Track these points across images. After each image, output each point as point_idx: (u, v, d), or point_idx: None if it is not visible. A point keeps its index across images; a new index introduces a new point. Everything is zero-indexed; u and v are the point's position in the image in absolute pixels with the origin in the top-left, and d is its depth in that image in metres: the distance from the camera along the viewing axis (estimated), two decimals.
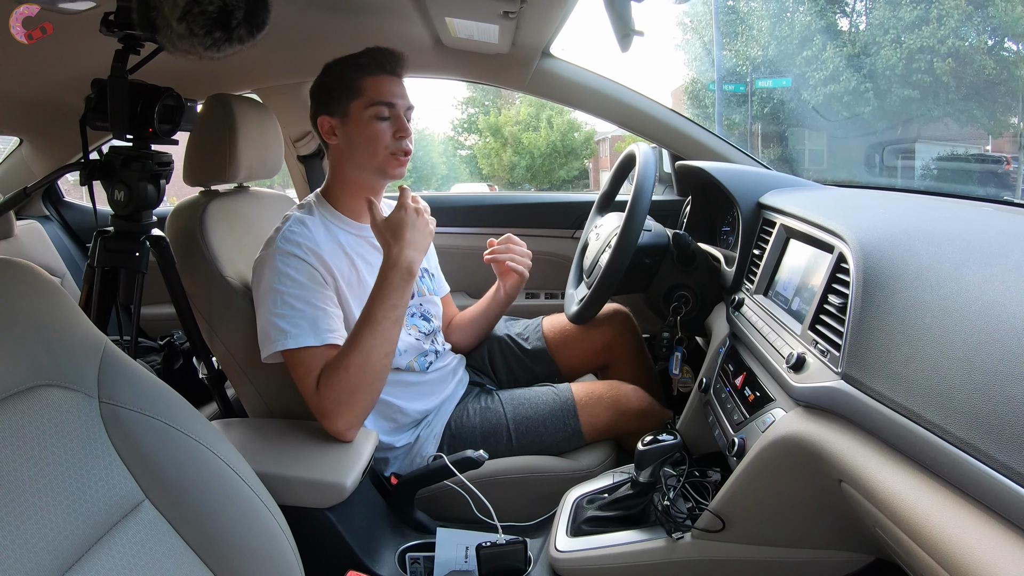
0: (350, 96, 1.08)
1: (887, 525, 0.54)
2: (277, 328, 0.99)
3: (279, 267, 1.01)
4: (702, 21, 12.75)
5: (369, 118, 1.07)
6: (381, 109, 1.07)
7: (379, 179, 1.13)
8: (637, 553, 0.90)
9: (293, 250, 1.03)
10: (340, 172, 1.14)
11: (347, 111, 1.09)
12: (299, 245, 1.03)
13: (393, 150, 1.09)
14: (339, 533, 0.93)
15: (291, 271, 1.01)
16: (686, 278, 1.23)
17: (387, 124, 1.08)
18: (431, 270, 1.33)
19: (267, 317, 1.00)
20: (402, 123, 1.09)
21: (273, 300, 1.00)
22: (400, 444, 1.17)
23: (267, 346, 1.00)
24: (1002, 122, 10.00)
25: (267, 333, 1.00)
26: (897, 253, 0.66)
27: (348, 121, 1.09)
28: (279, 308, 1.00)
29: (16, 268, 0.62)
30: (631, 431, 1.17)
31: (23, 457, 0.53)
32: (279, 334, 0.99)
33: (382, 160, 1.09)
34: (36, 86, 1.56)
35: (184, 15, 0.83)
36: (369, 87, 1.08)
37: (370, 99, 1.07)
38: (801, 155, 11.63)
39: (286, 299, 1.00)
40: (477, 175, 17.62)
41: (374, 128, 1.08)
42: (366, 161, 1.10)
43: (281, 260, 1.02)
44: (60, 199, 2.15)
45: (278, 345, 0.99)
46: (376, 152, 1.09)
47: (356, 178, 1.13)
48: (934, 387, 0.51)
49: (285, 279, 1.01)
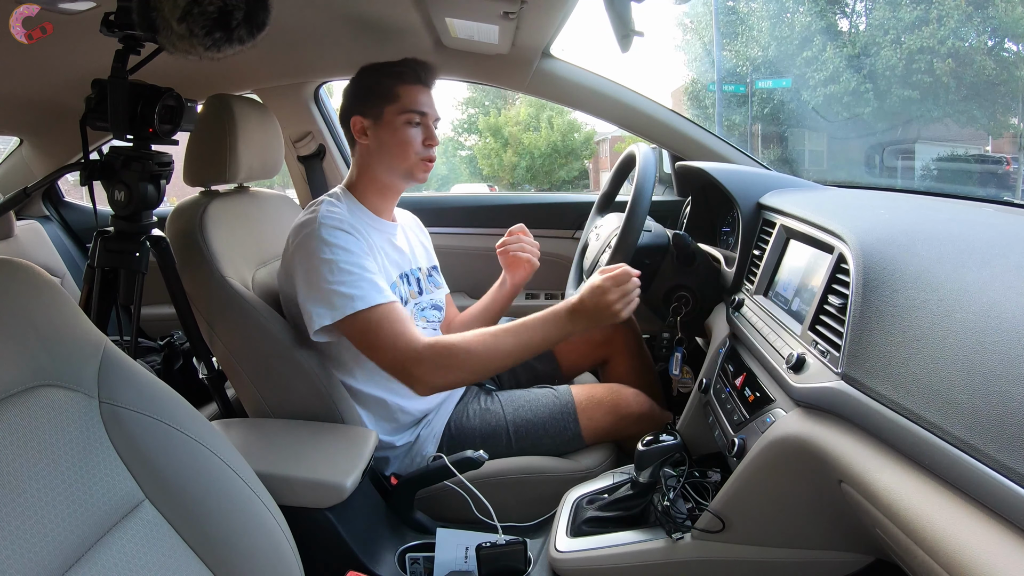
0: (385, 101, 1.12)
1: (887, 525, 0.54)
2: (341, 295, 0.99)
3: (326, 238, 1.02)
4: (702, 21, 12.76)
5: (402, 124, 1.12)
6: (413, 116, 1.12)
7: (405, 181, 1.17)
8: (637, 553, 0.90)
9: (337, 223, 1.05)
10: (367, 171, 1.17)
11: (381, 114, 1.12)
12: (341, 220, 1.06)
13: (423, 156, 1.14)
14: (339, 533, 0.93)
15: (340, 241, 1.03)
16: (686, 278, 1.23)
17: (418, 131, 1.13)
18: (437, 267, 1.35)
19: (324, 287, 1.00)
20: (431, 132, 1.14)
21: (329, 269, 1.01)
22: (400, 444, 1.17)
23: (331, 315, 0.99)
24: (1002, 123, 10.00)
25: (329, 302, 1.00)
26: (897, 254, 0.66)
27: (381, 124, 1.12)
28: (336, 275, 1.00)
29: (16, 268, 0.62)
30: (631, 435, 1.17)
31: (23, 457, 0.53)
32: (344, 300, 0.99)
33: (411, 164, 1.14)
34: (36, 86, 1.56)
35: (184, 15, 0.83)
36: (404, 95, 1.12)
37: (404, 106, 1.12)
38: (801, 156, 11.63)
39: (342, 266, 1.01)
40: (477, 176, 17.62)
41: (406, 134, 1.12)
42: (396, 163, 1.14)
43: (327, 232, 1.03)
44: (60, 199, 2.15)
45: (347, 309, 0.99)
46: (407, 156, 1.13)
47: (383, 178, 1.16)
48: (934, 387, 0.51)
49: (336, 249, 1.02)
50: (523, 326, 1.03)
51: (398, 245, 1.20)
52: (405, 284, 1.19)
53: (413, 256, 1.25)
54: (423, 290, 1.24)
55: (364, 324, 1.00)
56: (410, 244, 1.26)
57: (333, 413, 1.08)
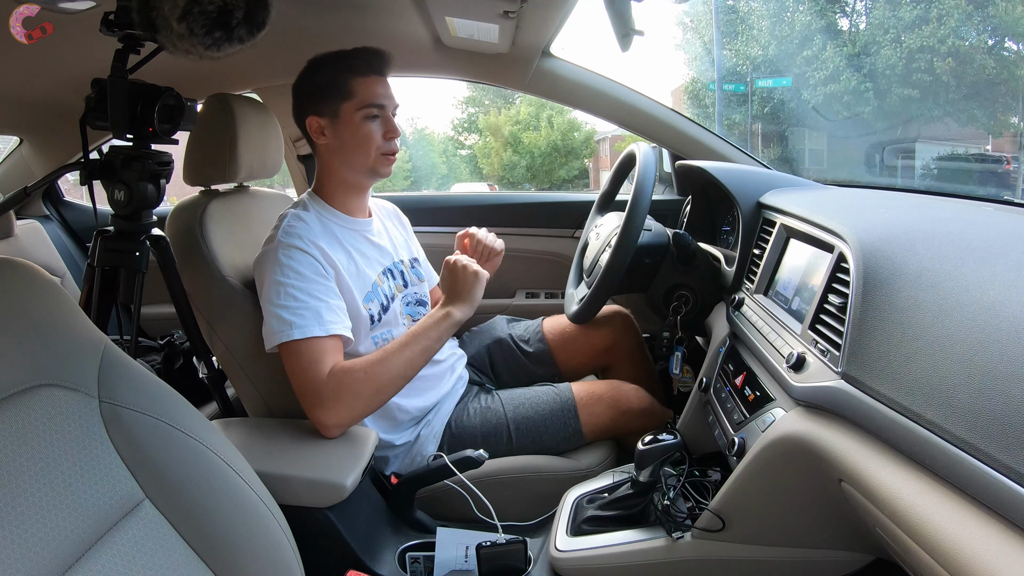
0: (341, 98, 1.08)
1: (887, 525, 0.54)
2: (281, 320, 0.99)
3: (282, 260, 1.02)
4: (702, 21, 12.75)
5: (361, 120, 1.09)
6: (371, 111, 1.09)
7: (370, 178, 1.15)
8: (637, 553, 0.90)
9: (295, 242, 1.04)
10: (331, 171, 1.15)
11: (337, 112, 1.09)
12: (300, 238, 1.04)
13: (384, 151, 1.12)
14: (339, 533, 0.93)
15: (294, 263, 1.02)
16: (686, 278, 1.23)
17: (377, 125, 1.10)
18: (419, 259, 1.33)
19: (271, 309, 1.00)
20: (391, 124, 1.11)
21: (276, 292, 1.01)
22: (400, 443, 1.17)
23: (271, 338, 1.00)
24: (1002, 122, 9.98)
25: (271, 325, 1.00)
26: (897, 253, 0.66)
27: (338, 122, 1.10)
28: (283, 300, 1.00)
29: (16, 268, 0.62)
30: (631, 431, 1.17)
31: (23, 457, 0.53)
32: (283, 325, 0.99)
33: (373, 161, 1.12)
34: (36, 86, 1.56)
35: (184, 15, 0.83)
36: (360, 89, 1.08)
37: (361, 101, 1.08)
38: (801, 155, 11.62)
39: (289, 291, 1.00)
40: (477, 175, 17.61)
41: (365, 130, 1.09)
42: (358, 161, 1.12)
43: (283, 253, 1.03)
44: (60, 199, 2.15)
45: (283, 336, 0.98)
46: (368, 153, 1.10)
47: (347, 177, 1.14)
48: (934, 387, 0.51)
49: (288, 271, 1.01)
50: (414, 334, 1.05)
51: (376, 242, 1.19)
52: (389, 279, 1.18)
53: (394, 249, 1.24)
54: (408, 282, 1.24)
55: (292, 351, 0.99)
56: (390, 237, 1.25)
57: None
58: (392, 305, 1.17)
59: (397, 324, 1.17)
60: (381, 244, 1.21)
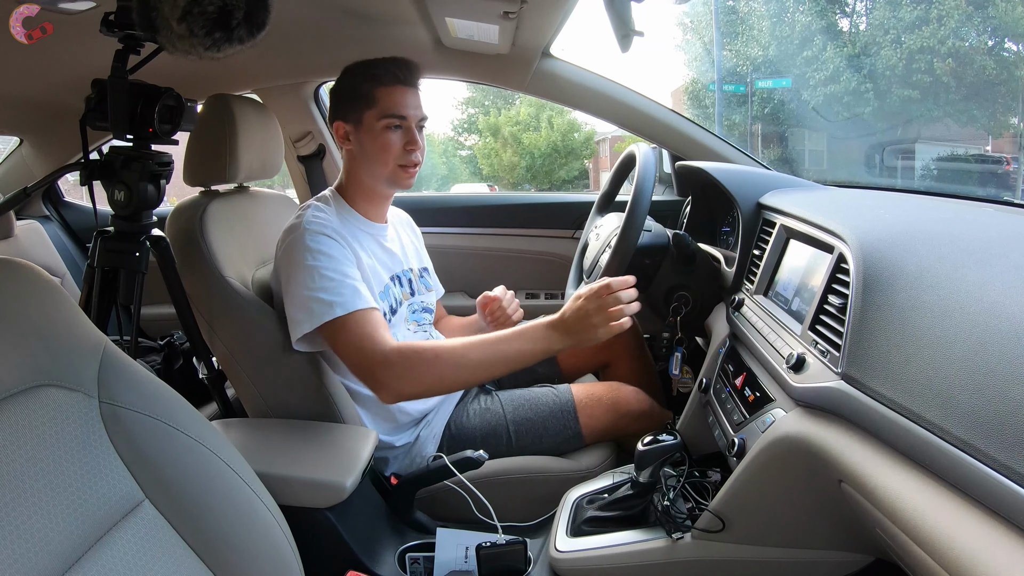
0: (364, 106, 1.10)
1: (887, 525, 0.54)
2: (321, 301, 0.98)
3: (310, 245, 1.02)
4: (702, 21, 12.75)
5: (381, 129, 1.09)
6: (392, 121, 1.09)
7: (389, 187, 1.16)
8: (637, 553, 0.90)
9: (321, 229, 1.04)
10: (354, 175, 1.16)
11: (361, 119, 1.10)
12: (325, 225, 1.05)
13: (402, 162, 1.11)
14: (339, 533, 0.93)
15: (323, 247, 1.02)
16: (686, 278, 1.23)
17: (398, 135, 1.10)
18: (428, 268, 1.34)
19: (305, 294, 0.99)
20: (413, 135, 1.11)
21: (311, 276, 1.00)
22: (400, 444, 1.17)
23: (310, 322, 0.99)
24: (1002, 122, 9.99)
25: (309, 309, 0.99)
26: (897, 253, 0.66)
27: (361, 129, 1.11)
28: (318, 282, 1.00)
29: (16, 268, 0.62)
30: (631, 433, 1.17)
31: (23, 457, 0.53)
32: (323, 306, 0.98)
33: (391, 170, 1.12)
34: (36, 86, 1.56)
35: (184, 15, 0.83)
36: (382, 98, 1.09)
37: (383, 110, 1.09)
38: (801, 155, 11.63)
39: (324, 272, 1.00)
40: (477, 175, 17.62)
41: (385, 139, 1.09)
42: (377, 169, 1.12)
43: (311, 239, 1.03)
44: (60, 199, 2.15)
45: (326, 316, 0.98)
46: (386, 162, 1.11)
47: (367, 183, 1.15)
48: (934, 387, 0.51)
49: (319, 255, 1.02)
50: (499, 338, 0.99)
51: (389, 247, 1.20)
52: (397, 286, 1.18)
53: (405, 257, 1.25)
54: (415, 291, 1.24)
55: (340, 328, 0.99)
56: (402, 245, 1.26)
57: (333, 413, 1.07)
58: (399, 309, 1.17)
59: (400, 328, 1.17)
60: (392, 250, 1.21)
